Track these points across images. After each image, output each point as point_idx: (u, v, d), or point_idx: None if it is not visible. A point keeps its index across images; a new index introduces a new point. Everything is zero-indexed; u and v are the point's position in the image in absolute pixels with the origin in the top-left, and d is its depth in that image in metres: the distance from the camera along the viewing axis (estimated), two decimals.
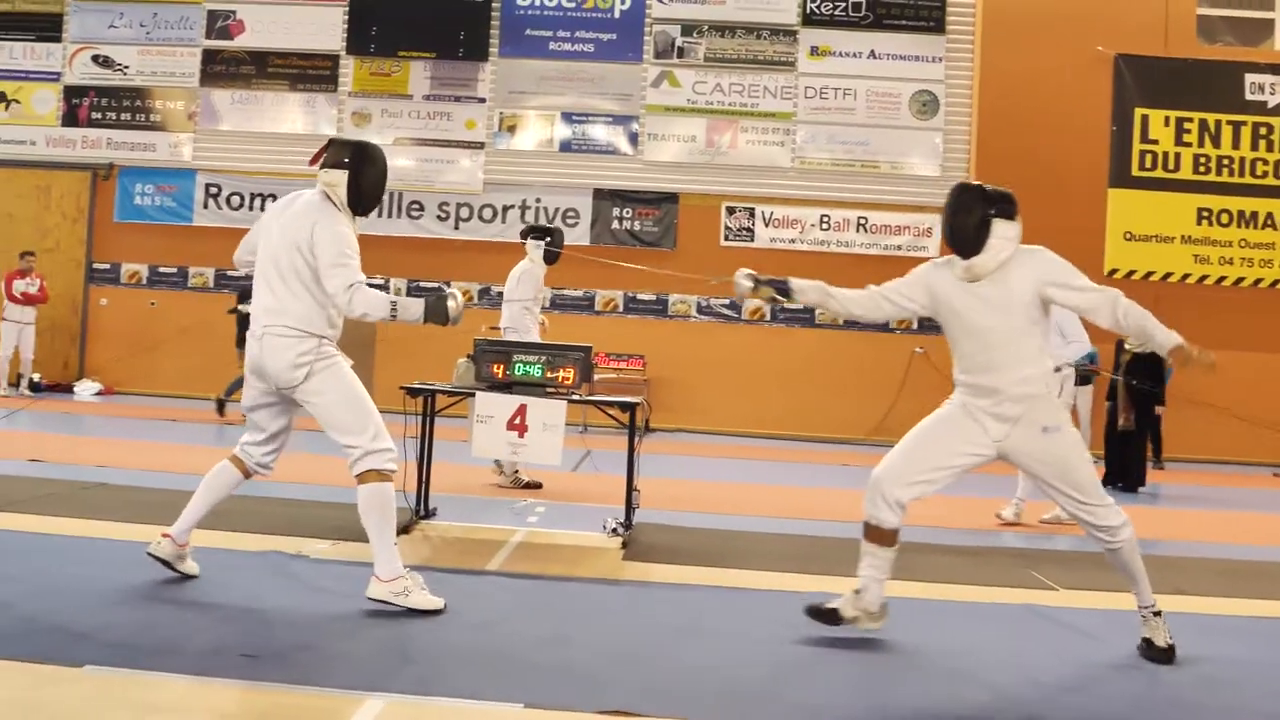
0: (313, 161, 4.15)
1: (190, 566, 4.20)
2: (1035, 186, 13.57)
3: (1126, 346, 9.83)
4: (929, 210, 14.05)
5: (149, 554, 4.10)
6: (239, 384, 11.63)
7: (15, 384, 13.35)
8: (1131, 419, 9.61)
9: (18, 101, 14.86)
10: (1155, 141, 13.98)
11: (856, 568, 3.93)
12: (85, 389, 14.13)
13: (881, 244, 14.03)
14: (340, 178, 4.02)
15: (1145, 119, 13.97)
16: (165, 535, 4.12)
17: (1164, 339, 3.76)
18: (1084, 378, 12.82)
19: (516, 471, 7.37)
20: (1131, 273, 13.76)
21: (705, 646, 3.74)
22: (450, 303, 3.99)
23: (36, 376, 13.52)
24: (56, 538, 4.85)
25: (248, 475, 4.25)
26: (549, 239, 7.54)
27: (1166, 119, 13.98)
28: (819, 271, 15.39)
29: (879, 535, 3.88)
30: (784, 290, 4.06)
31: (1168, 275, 13.83)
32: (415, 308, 4.00)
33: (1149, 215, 13.89)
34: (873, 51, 14.25)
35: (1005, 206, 3.84)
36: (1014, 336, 3.76)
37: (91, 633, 3.41)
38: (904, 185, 14.16)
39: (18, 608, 3.63)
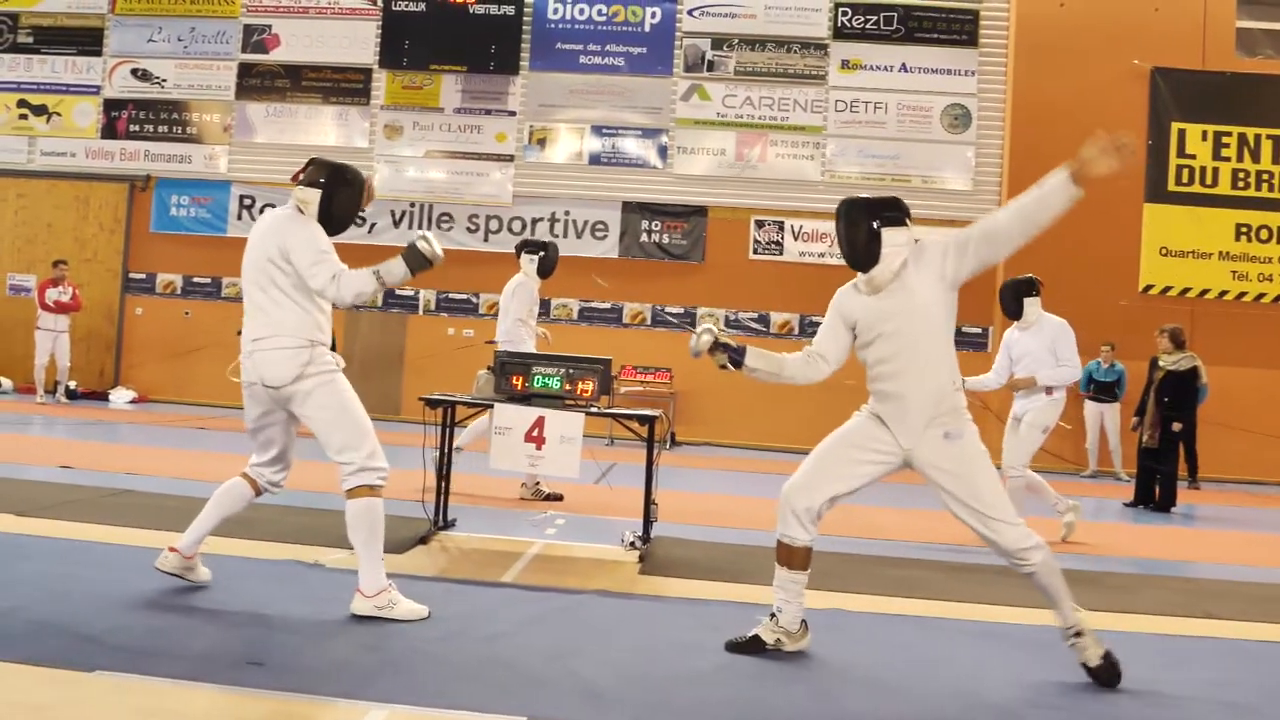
0: (294, 179, 4.19)
1: (202, 574, 4.23)
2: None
3: (1161, 363, 9.65)
4: (961, 224, 13.87)
5: (156, 568, 4.13)
6: None
7: (52, 391, 13.59)
8: (1156, 436, 9.43)
9: (59, 114, 15.19)
10: (1193, 156, 13.75)
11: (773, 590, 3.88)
12: (120, 397, 14.35)
13: None
14: (314, 195, 4.09)
15: (1182, 133, 13.75)
16: (172, 549, 4.15)
17: (1055, 179, 3.62)
18: (1111, 395, 12.71)
19: (538, 483, 7.37)
20: (1168, 289, 13.55)
21: (716, 662, 3.70)
22: (421, 244, 4.02)
23: (73, 384, 13.74)
24: (75, 543, 4.90)
25: (259, 493, 4.29)
26: (543, 253, 7.54)
27: (1204, 133, 13.76)
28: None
29: (789, 555, 3.81)
30: (737, 360, 3.94)
31: (1205, 292, 13.58)
32: (398, 266, 4.03)
33: (1186, 231, 13.66)
34: (904, 65, 14.19)
35: (892, 214, 3.79)
36: (919, 343, 3.71)
37: (102, 637, 3.44)
38: (935, 199, 14.04)
39: (30, 611, 3.67)
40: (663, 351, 13.81)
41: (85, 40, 15.18)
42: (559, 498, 7.37)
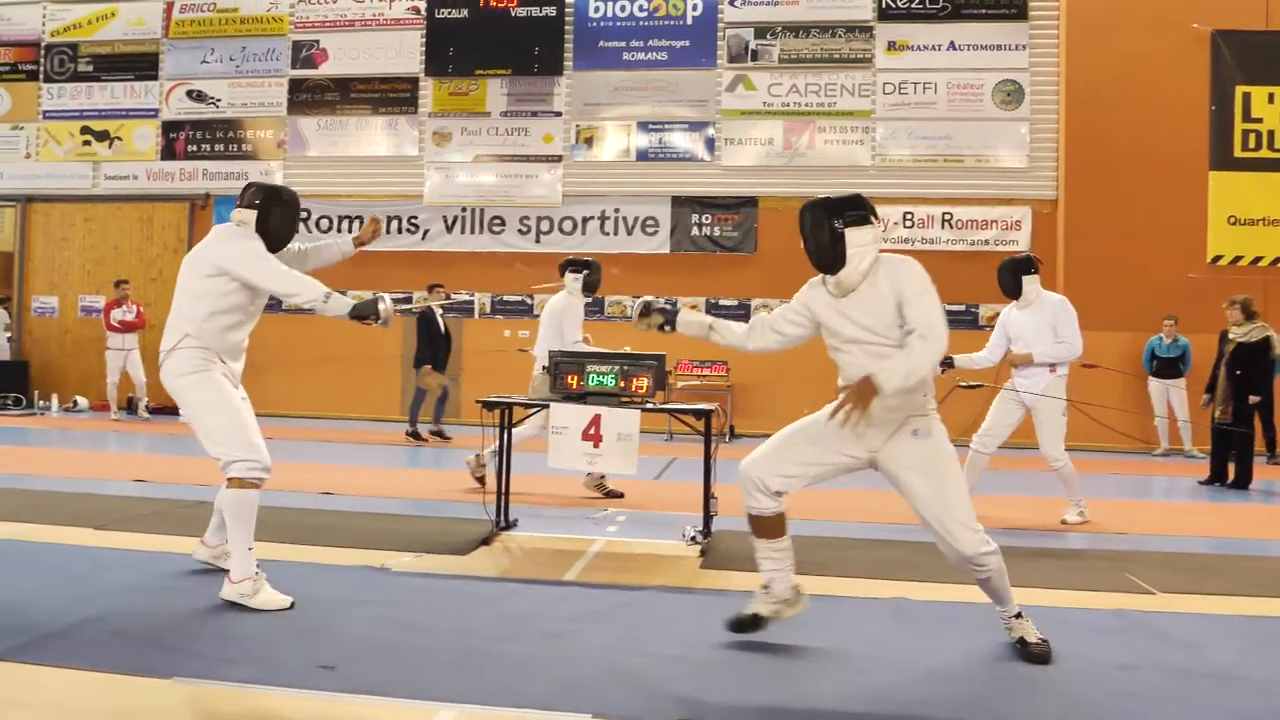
0: (238, 204, 4.47)
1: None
2: (1130, 173, 13.13)
3: (1230, 335, 9.36)
4: (1017, 203, 13.68)
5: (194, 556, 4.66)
6: (419, 403, 12.04)
7: (125, 407, 13.99)
8: (1229, 411, 9.15)
9: (120, 139, 15.63)
10: (1259, 120, 13.29)
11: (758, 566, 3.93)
12: None
13: (968, 239, 13.70)
14: (250, 216, 4.39)
15: (1247, 97, 13.29)
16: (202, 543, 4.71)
17: (883, 380, 3.51)
18: (1175, 372, 12.36)
19: (602, 477, 7.39)
20: (1238, 258, 13.13)
21: (781, 656, 3.68)
22: (382, 305, 4.27)
23: (145, 400, 14.12)
24: (151, 554, 5.03)
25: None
26: (587, 271, 7.50)
27: (1270, 95, 13.29)
28: None
29: (763, 525, 3.81)
30: (670, 320, 4.20)
31: (1277, 260, 13.13)
32: (344, 302, 4.29)
33: (1254, 198, 13.20)
34: (952, 43, 13.94)
35: (855, 214, 3.71)
36: (887, 346, 3.65)
37: (179, 645, 3.54)
38: (990, 178, 13.80)
39: (111, 621, 3.79)
40: (705, 345, 13.71)
41: (142, 65, 15.60)
42: (619, 495, 7.39)
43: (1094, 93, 13.31)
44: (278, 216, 4.43)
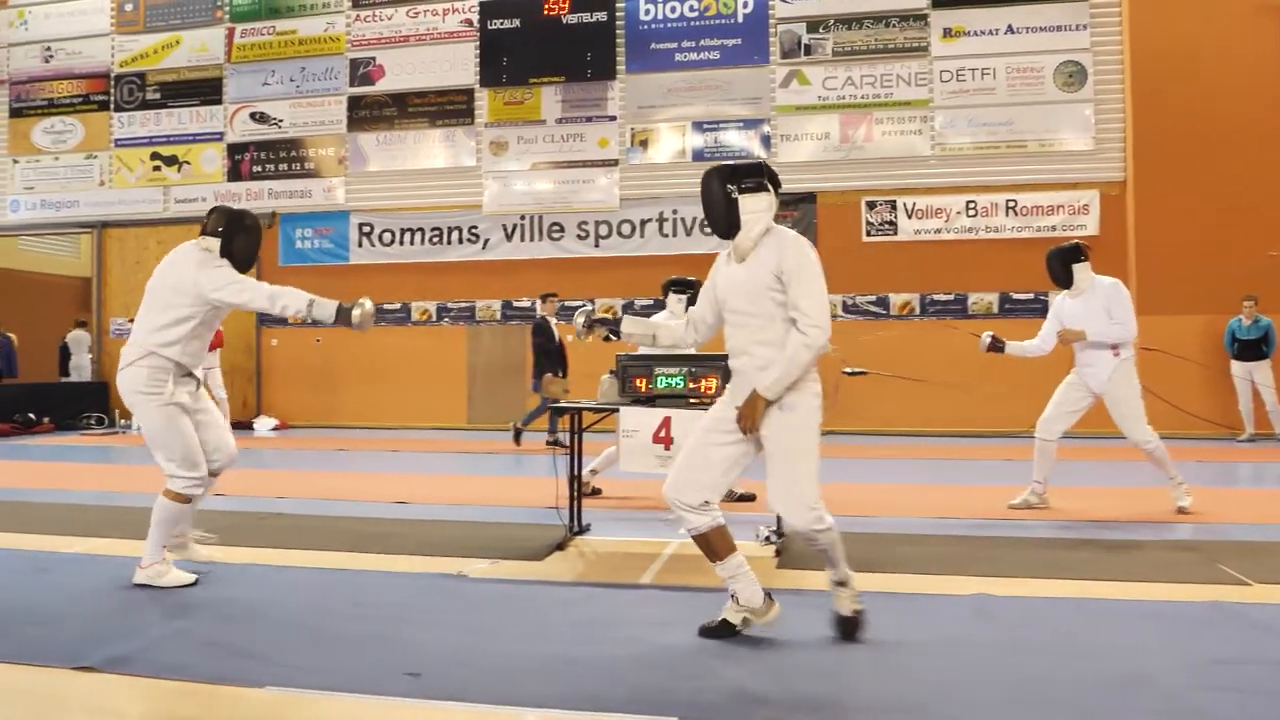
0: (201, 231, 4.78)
1: (198, 553, 5.15)
2: (1202, 150, 12.74)
3: None
4: (1084, 186, 13.36)
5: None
6: (539, 412, 12.15)
7: None
8: None
9: (188, 163, 16.08)
10: None
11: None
12: (263, 424, 15.07)
13: (1034, 225, 13.40)
14: (215, 244, 4.71)
15: None
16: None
17: (764, 388, 3.65)
18: (1258, 353, 11.95)
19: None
20: None
21: (864, 655, 3.63)
22: (357, 311, 4.61)
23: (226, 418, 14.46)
24: (234, 566, 5.15)
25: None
26: (691, 292, 7.32)
27: None
28: (969, 259, 14.87)
29: (707, 543, 3.85)
30: (615, 330, 4.30)
31: None
32: (329, 308, 4.63)
33: None
34: (1010, 26, 13.67)
35: (750, 181, 3.77)
36: (763, 320, 3.69)
37: (266, 653, 3.61)
38: (1055, 162, 13.50)
39: (200, 632, 3.89)
40: None
41: (206, 90, 16.04)
42: (751, 498, 7.26)
43: (1161, 69, 12.94)
44: (241, 242, 4.74)
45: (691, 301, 7.29)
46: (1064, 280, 6.70)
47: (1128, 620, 3.69)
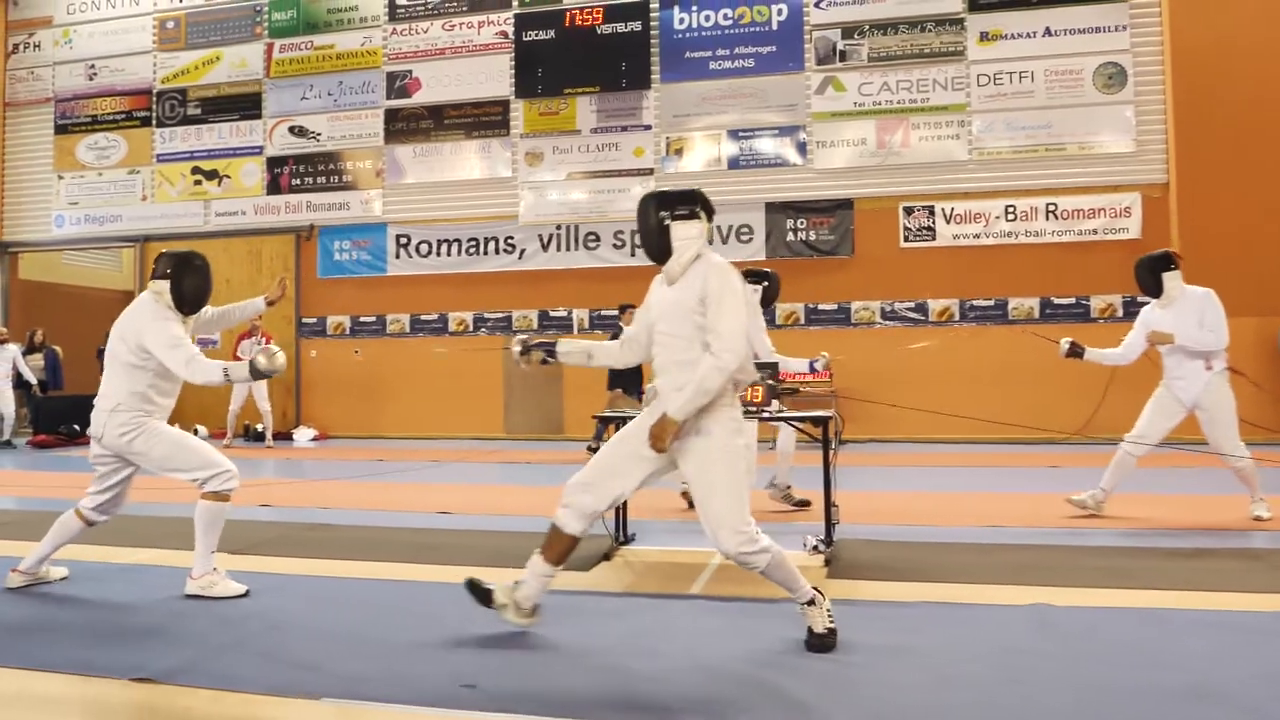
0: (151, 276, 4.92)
1: (56, 572, 5.10)
2: (1247, 148, 12.52)
3: None
4: (1125, 189, 13.16)
5: (7, 588, 4.88)
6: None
7: (243, 434, 14.55)
8: None
9: (228, 176, 16.29)
10: None
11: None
12: (303, 435, 15.19)
13: (1075, 229, 13.22)
14: (164, 286, 4.82)
15: None
16: (14, 570, 4.94)
17: (673, 410, 3.68)
18: None
19: (789, 487, 7.22)
20: None
21: (920, 666, 3.57)
22: (261, 360, 4.64)
23: (260, 427, 14.61)
24: (283, 577, 5.18)
25: (89, 524, 4.96)
26: (766, 283, 7.18)
27: None
28: (1007, 263, 14.67)
29: (557, 543, 3.96)
30: (551, 353, 4.29)
31: None
32: (242, 370, 4.64)
33: None
34: (1048, 29, 13.53)
35: (683, 209, 3.84)
36: (684, 342, 3.75)
37: (321, 665, 3.61)
38: (1095, 165, 13.32)
39: (255, 643, 3.90)
40: (819, 350, 13.49)
41: (246, 105, 16.26)
42: (807, 504, 7.18)
43: (1201, 68, 12.74)
44: (189, 283, 4.85)
45: (769, 292, 7.24)
46: (1153, 289, 6.52)
47: (1195, 630, 3.59)
